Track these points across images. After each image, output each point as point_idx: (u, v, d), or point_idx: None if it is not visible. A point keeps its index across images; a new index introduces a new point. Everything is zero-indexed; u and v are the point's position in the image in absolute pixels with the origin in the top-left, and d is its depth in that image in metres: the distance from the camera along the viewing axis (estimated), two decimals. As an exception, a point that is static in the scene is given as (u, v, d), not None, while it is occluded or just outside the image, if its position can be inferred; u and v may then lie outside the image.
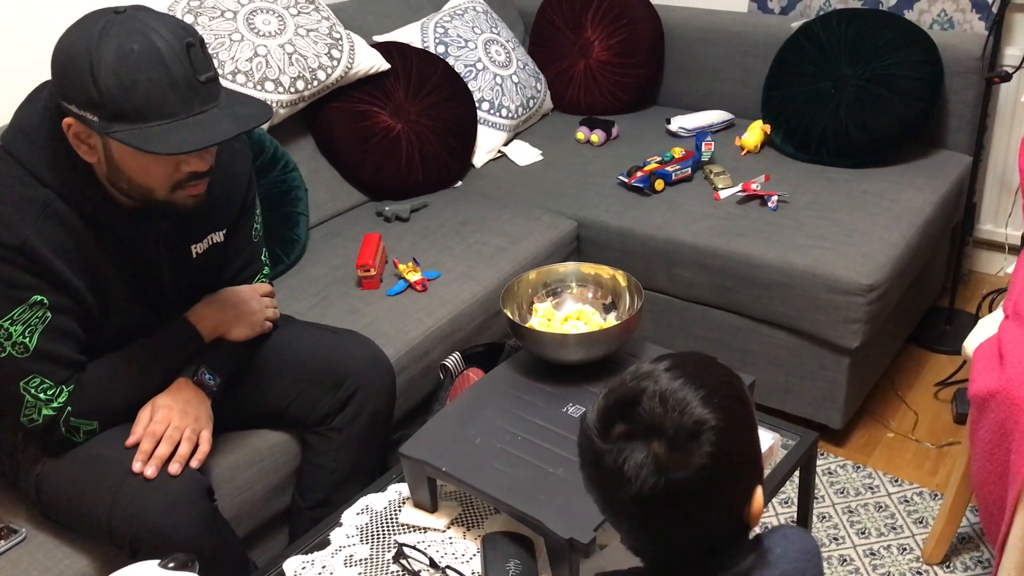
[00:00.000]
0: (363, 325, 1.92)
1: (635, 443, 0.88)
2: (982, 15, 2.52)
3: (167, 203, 1.40)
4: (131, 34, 1.26)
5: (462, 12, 2.80)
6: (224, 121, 1.31)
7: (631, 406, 0.90)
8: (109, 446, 1.45)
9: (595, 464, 0.92)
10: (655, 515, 0.90)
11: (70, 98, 1.28)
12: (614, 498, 0.91)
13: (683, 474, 0.87)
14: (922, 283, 2.49)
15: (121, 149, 1.31)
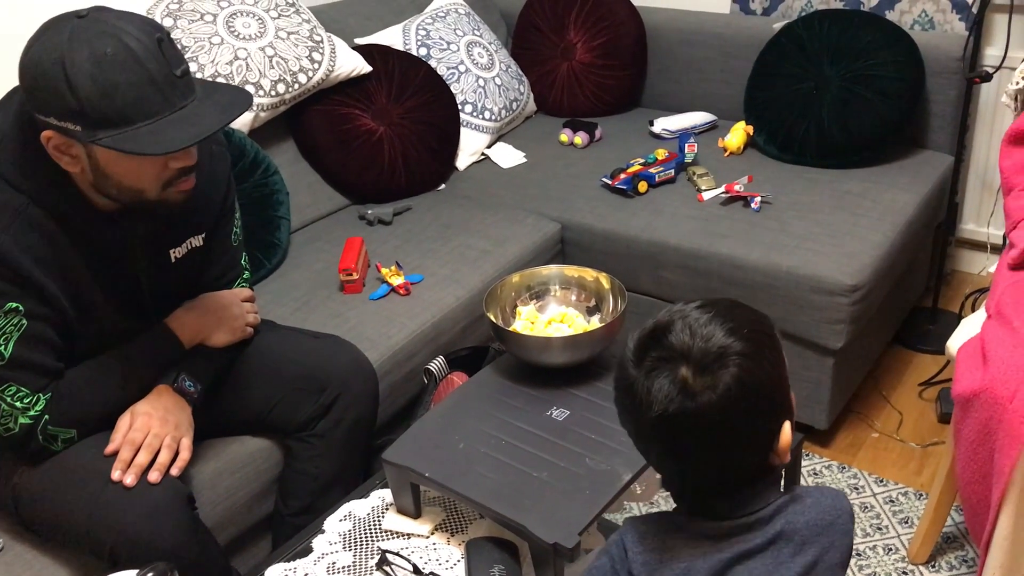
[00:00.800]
0: (346, 330, 1.91)
1: (663, 367, 0.93)
2: (962, 16, 2.53)
3: (158, 202, 1.38)
4: (101, 37, 1.24)
5: (444, 14, 2.79)
6: (209, 112, 1.30)
7: (663, 335, 0.95)
8: (88, 455, 1.43)
9: (628, 391, 0.96)
10: (682, 440, 0.93)
11: (47, 111, 1.26)
12: (643, 422, 0.94)
13: (708, 397, 0.90)
14: (905, 283, 2.49)
15: (107, 155, 1.30)
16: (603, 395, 1.42)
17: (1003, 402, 1.41)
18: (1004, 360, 1.45)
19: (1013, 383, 1.40)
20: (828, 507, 0.99)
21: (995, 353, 1.48)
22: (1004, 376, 1.42)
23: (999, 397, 1.42)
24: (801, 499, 0.99)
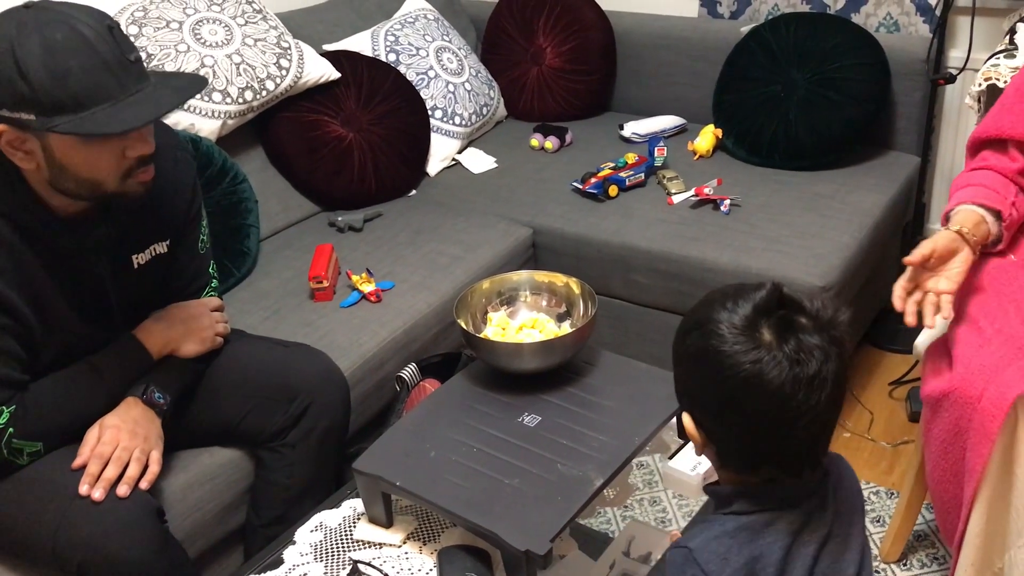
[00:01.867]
0: (317, 338, 1.89)
1: (800, 331, 0.93)
2: (926, 18, 2.56)
3: (119, 194, 1.37)
4: (50, 24, 1.23)
5: (413, 20, 2.78)
6: (164, 94, 1.30)
7: (782, 301, 0.96)
8: (54, 468, 1.41)
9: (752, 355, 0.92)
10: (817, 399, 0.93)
11: (2, 103, 1.24)
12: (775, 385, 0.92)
13: (841, 357, 0.95)
14: (874, 283, 2.51)
15: (64, 145, 1.28)
16: (575, 400, 1.42)
17: (972, 401, 1.42)
18: (971, 360, 1.46)
19: (980, 382, 1.42)
20: (850, 474, 1.06)
21: (962, 353, 1.49)
22: (971, 376, 1.44)
23: (968, 397, 1.43)
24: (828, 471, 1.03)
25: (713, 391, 0.97)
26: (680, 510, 2.10)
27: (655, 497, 2.14)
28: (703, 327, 0.97)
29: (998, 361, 1.43)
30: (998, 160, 1.68)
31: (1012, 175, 1.66)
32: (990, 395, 1.40)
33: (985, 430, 1.40)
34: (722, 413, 0.97)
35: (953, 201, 1.65)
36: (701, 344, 0.97)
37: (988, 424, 1.40)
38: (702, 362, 0.97)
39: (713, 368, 0.95)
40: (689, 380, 1.02)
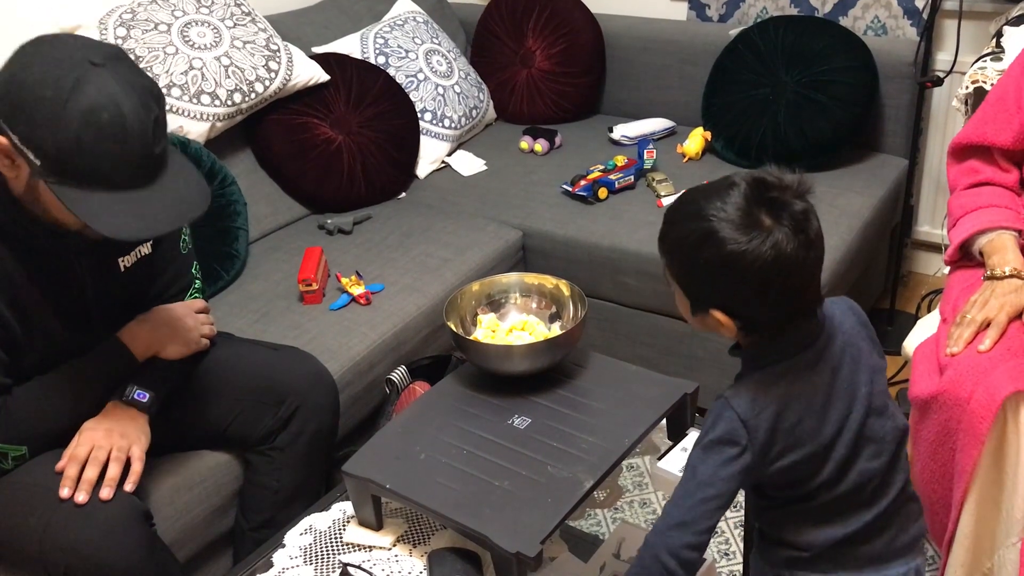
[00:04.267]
0: (306, 341, 1.89)
1: (789, 203, 1.06)
2: (913, 21, 2.57)
3: (77, 233, 1.36)
4: (103, 99, 1.22)
5: (402, 22, 2.78)
6: (160, 208, 1.28)
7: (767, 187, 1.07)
8: (39, 473, 1.40)
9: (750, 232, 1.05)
10: (812, 260, 1.08)
11: (16, 129, 1.23)
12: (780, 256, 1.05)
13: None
14: (863, 285, 2.52)
15: (47, 191, 1.27)
16: (565, 402, 1.42)
17: (962, 403, 1.43)
18: (960, 362, 1.47)
19: (969, 384, 1.42)
20: (852, 306, 1.22)
21: (951, 356, 1.50)
22: (962, 378, 1.44)
23: (958, 398, 1.43)
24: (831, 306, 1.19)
25: (743, 285, 1.08)
26: (670, 512, 2.10)
27: (645, 499, 2.14)
28: (711, 237, 1.07)
29: (987, 362, 1.43)
30: (994, 173, 1.69)
31: (1013, 186, 1.67)
32: (979, 396, 1.40)
33: (975, 431, 1.41)
34: (754, 298, 1.09)
35: (967, 225, 1.64)
36: (717, 252, 1.07)
37: (978, 425, 1.40)
38: (727, 267, 1.07)
39: (738, 268, 1.06)
40: (716, 284, 1.11)
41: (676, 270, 1.16)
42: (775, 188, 1.07)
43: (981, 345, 1.46)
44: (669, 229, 1.16)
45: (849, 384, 1.16)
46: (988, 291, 1.53)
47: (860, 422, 1.16)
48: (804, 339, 1.15)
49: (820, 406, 1.14)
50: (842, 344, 1.17)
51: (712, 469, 1.13)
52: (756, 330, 1.14)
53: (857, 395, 1.17)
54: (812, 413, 1.14)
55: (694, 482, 1.14)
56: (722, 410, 1.14)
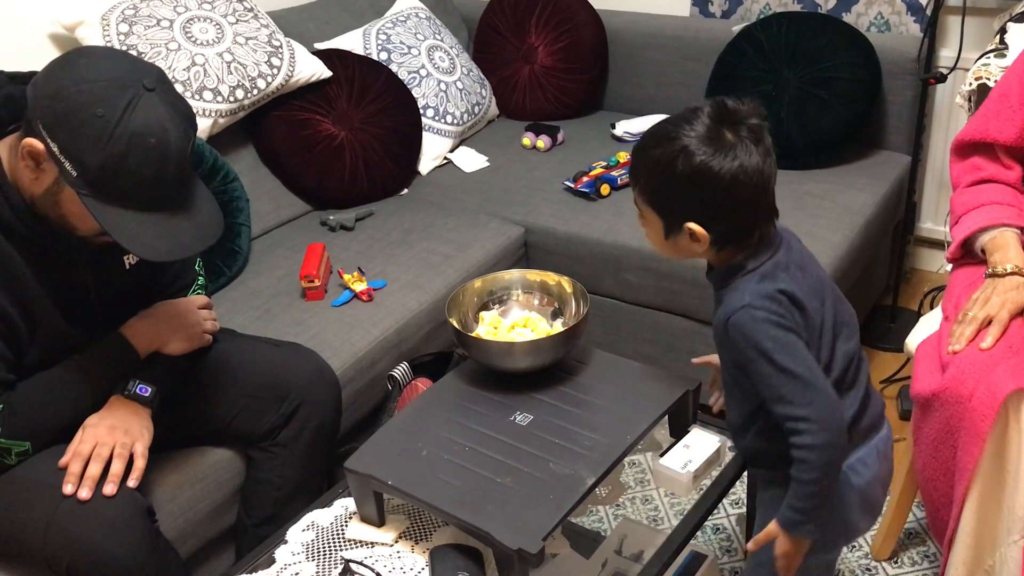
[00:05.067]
0: (308, 337, 1.89)
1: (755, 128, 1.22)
2: (917, 17, 2.56)
3: (84, 240, 1.39)
4: (152, 123, 1.26)
5: (405, 18, 2.78)
6: (185, 231, 1.34)
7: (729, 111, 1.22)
8: (43, 469, 1.40)
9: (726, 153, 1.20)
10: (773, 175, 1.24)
11: (57, 138, 1.25)
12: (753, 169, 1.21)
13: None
14: (865, 282, 2.52)
15: (73, 198, 1.29)
16: (567, 399, 1.42)
17: (963, 400, 1.42)
18: (962, 359, 1.46)
19: (971, 382, 1.42)
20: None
21: (953, 353, 1.50)
22: (963, 375, 1.44)
23: (959, 396, 1.43)
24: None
25: (716, 192, 1.21)
26: (672, 508, 2.10)
27: (647, 495, 2.14)
28: (685, 153, 1.21)
29: (988, 360, 1.43)
30: (997, 170, 1.68)
31: (1015, 183, 1.67)
32: (981, 394, 1.40)
33: (976, 429, 1.41)
34: (726, 204, 1.23)
35: (969, 223, 1.64)
36: (691, 166, 1.21)
37: (979, 423, 1.40)
38: (701, 178, 1.21)
39: (711, 177, 1.20)
40: (691, 197, 1.23)
41: (651, 194, 1.28)
42: (734, 109, 1.23)
43: (983, 343, 1.46)
44: (643, 155, 1.27)
45: (816, 277, 1.31)
46: (990, 288, 1.53)
47: (833, 308, 1.31)
48: (770, 244, 1.28)
49: (802, 297, 1.26)
50: (798, 247, 1.33)
51: (789, 336, 1.24)
52: (728, 239, 1.27)
53: (825, 284, 1.32)
54: (801, 285, 1.28)
55: (801, 370, 1.23)
56: (746, 317, 1.25)
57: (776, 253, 1.28)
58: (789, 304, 1.25)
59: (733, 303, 1.26)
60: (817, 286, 1.30)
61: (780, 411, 1.25)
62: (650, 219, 1.30)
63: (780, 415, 1.25)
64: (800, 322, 1.26)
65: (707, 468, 1.40)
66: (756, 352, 1.24)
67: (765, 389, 1.26)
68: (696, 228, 1.24)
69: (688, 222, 1.24)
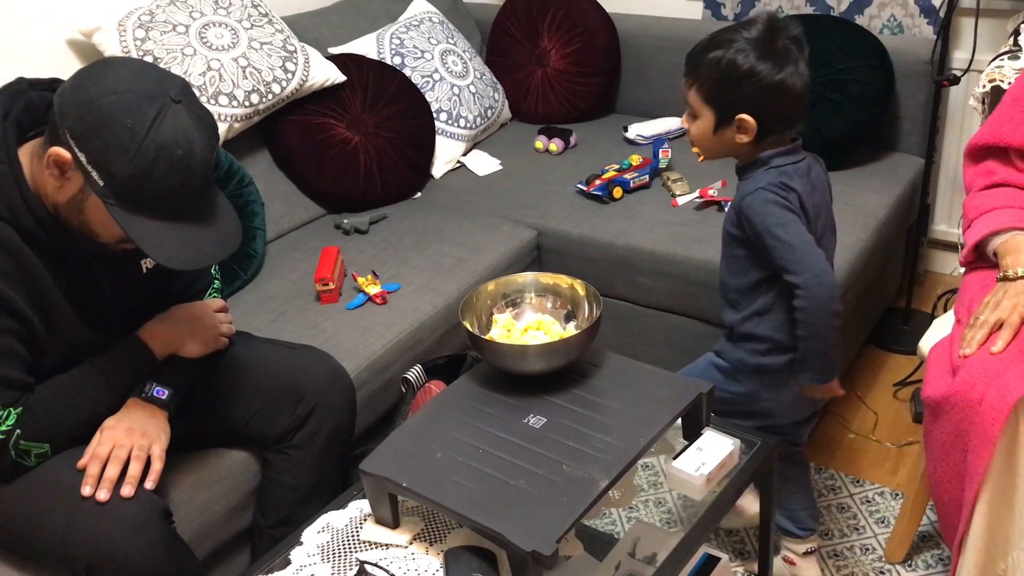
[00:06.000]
0: (323, 340, 1.90)
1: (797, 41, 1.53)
2: (930, 20, 2.56)
3: (104, 246, 1.40)
4: (179, 135, 1.28)
5: (418, 23, 2.79)
6: (206, 240, 1.36)
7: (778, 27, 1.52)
8: (62, 470, 1.42)
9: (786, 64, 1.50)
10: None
11: (86, 148, 1.27)
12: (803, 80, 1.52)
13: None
14: (879, 284, 2.52)
15: (98, 206, 1.30)
16: (580, 402, 1.43)
17: (974, 404, 1.42)
18: (973, 363, 1.46)
19: (981, 386, 1.42)
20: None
21: (964, 357, 1.50)
22: (974, 379, 1.44)
23: (970, 400, 1.43)
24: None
25: (768, 92, 1.48)
26: (685, 511, 2.10)
27: (660, 498, 2.15)
28: (743, 56, 1.48)
29: (999, 364, 1.43)
30: (1010, 174, 1.68)
31: None
32: (991, 398, 1.40)
33: (986, 433, 1.40)
34: (774, 103, 1.50)
35: (981, 227, 1.64)
36: (748, 68, 1.48)
37: (989, 427, 1.40)
38: (755, 79, 1.48)
39: (765, 80, 1.48)
40: (746, 94, 1.49)
41: (710, 89, 1.52)
42: (783, 22, 1.52)
43: (993, 347, 1.46)
44: (704, 55, 1.52)
45: (821, 201, 1.59)
46: (1001, 292, 1.53)
47: (829, 210, 1.63)
48: (795, 152, 1.55)
49: (808, 193, 1.54)
50: (817, 171, 1.60)
51: (791, 216, 1.51)
52: (768, 131, 1.52)
53: (823, 209, 1.60)
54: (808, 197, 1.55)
55: (796, 243, 1.50)
56: (761, 197, 1.51)
57: (798, 163, 1.55)
58: (796, 199, 1.52)
59: (750, 187, 1.54)
60: (820, 206, 1.58)
61: (786, 279, 1.53)
62: (703, 115, 1.55)
63: (787, 283, 1.53)
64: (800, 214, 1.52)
65: (720, 470, 1.40)
66: (763, 227, 1.51)
67: (776, 260, 1.52)
68: (747, 118, 1.50)
69: (741, 113, 1.50)
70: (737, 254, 1.61)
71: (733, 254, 1.62)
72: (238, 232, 1.42)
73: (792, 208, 1.51)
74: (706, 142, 1.58)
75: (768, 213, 1.51)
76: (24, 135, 1.40)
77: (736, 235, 1.59)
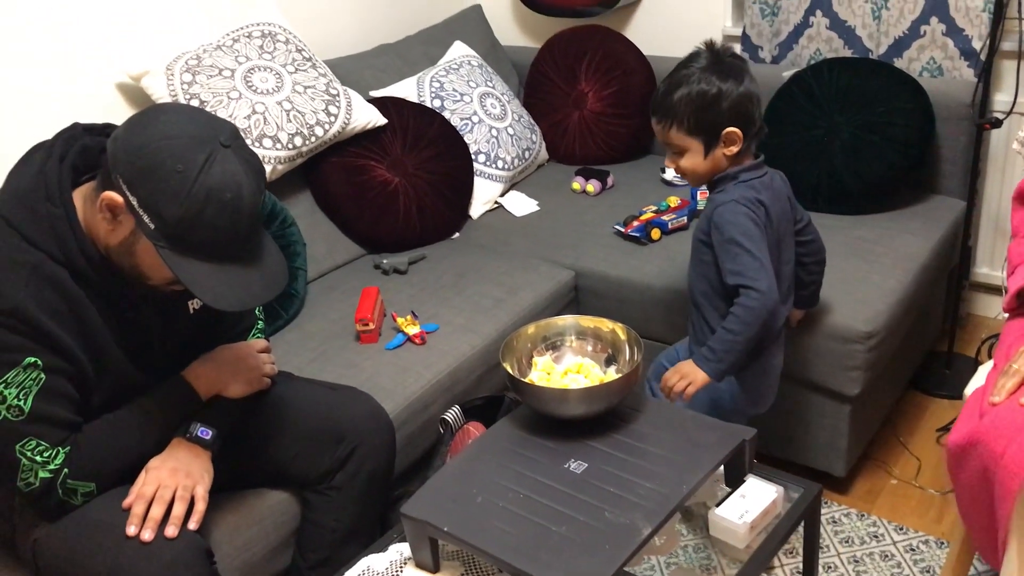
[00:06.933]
0: (362, 380, 1.91)
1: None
2: (971, 62, 2.55)
3: (154, 287, 1.43)
4: (228, 179, 1.30)
5: (457, 66, 2.83)
6: (253, 281, 1.38)
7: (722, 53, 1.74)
8: (107, 510, 1.43)
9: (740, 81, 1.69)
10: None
11: (137, 192, 1.29)
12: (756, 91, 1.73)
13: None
14: (920, 327, 2.49)
15: (149, 249, 1.33)
16: (622, 447, 1.42)
17: (996, 457, 1.38)
18: (1000, 412, 1.43)
19: (1004, 439, 1.38)
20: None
21: (995, 404, 1.46)
22: (998, 430, 1.40)
23: (992, 451, 1.39)
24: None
25: (739, 104, 1.67)
26: (725, 556, 2.07)
27: (700, 544, 2.12)
28: (707, 83, 1.67)
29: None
30: None
31: None
32: (1012, 453, 1.36)
33: (1006, 486, 1.37)
34: (747, 110, 1.68)
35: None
36: (717, 91, 1.66)
37: (1009, 482, 1.36)
38: (725, 97, 1.66)
39: (733, 95, 1.66)
40: (723, 111, 1.66)
41: (692, 123, 1.69)
42: (721, 46, 1.72)
43: (1022, 398, 1.43)
44: (671, 99, 1.70)
45: (781, 209, 1.75)
46: None
47: (789, 217, 1.79)
48: (760, 167, 1.74)
49: (772, 203, 1.71)
50: (778, 185, 1.77)
51: (758, 232, 1.67)
52: (750, 133, 1.70)
53: (784, 218, 1.76)
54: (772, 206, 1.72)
55: (758, 254, 1.66)
56: (733, 209, 1.68)
57: (764, 176, 1.73)
58: (764, 213, 1.69)
59: (724, 199, 1.70)
60: (781, 214, 1.75)
61: (735, 280, 1.68)
62: (691, 147, 1.71)
63: (733, 284, 1.68)
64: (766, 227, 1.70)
65: (764, 518, 1.39)
66: (731, 234, 1.67)
67: (730, 263, 1.68)
68: (733, 130, 1.67)
69: (727, 128, 1.67)
70: (705, 259, 1.76)
71: (702, 259, 1.78)
72: (284, 273, 1.44)
73: (760, 223, 1.68)
74: (699, 169, 1.73)
75: (738, 224, 1.67)
76: (78, 179, 1.43)
77: (705, 241, 1.75)
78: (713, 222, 1.71)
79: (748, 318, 1.67)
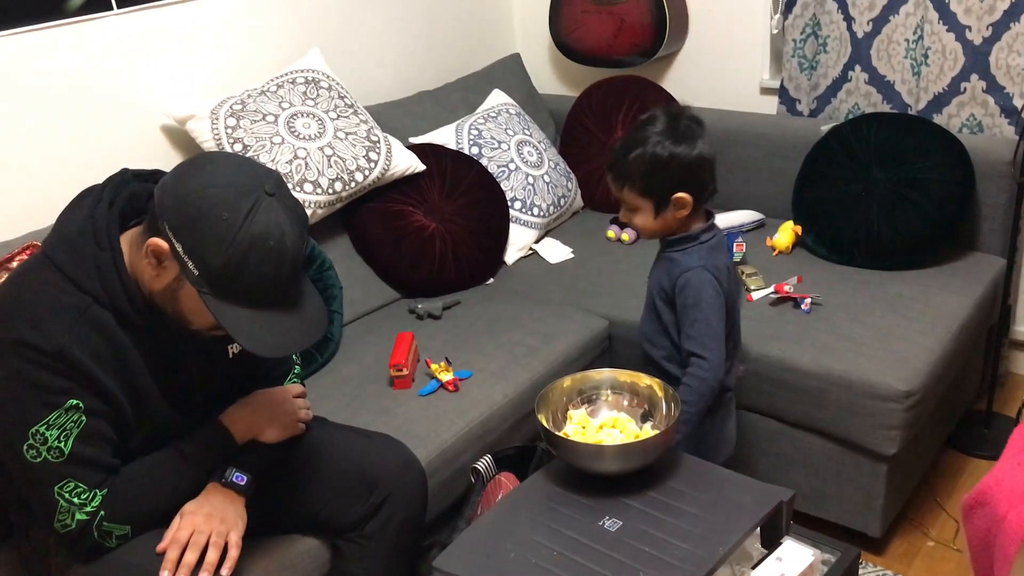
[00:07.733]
0: (395, 426, 1.91)
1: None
2: (1011, 120, 2.54)
3: (195, 332, 1.44)
4: (272, 227, 1.32)
5: (496, 114, 2.86)
6: (293, 328, 1.39)
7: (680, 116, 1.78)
8: (141, 553, 1.44)
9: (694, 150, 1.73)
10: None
11: (182, 239, 1.32)
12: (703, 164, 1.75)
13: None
14: (959, 386, 2.45)
15: (191, 296, 1.35)
16: (657, 505, 1.41)
17: (998, 520, 1.35)
18: (1006, 474, 1.40)
19: (1006, 503, 1.34)
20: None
21: (1005, 465, 1.43)
22: (1003, 491, 1.37)
23: (996, 513, 1.36)
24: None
25: (691, 169, 1.71)
26: (757, 617, 2.04)
27: (731, 602, 2.08)
28: (661, 147, 1.70)
29: None
30: None
31: None
32: (1013, 517, 1.33)
33: (1004, 551, 1.34)
34: (698, 176, 1.73)
35: None
36: (668, 155, 1.70)
37: (1008, 547, 1.33)
38: (678, 162, 1.70)
39: (686, 160, 1.71)
40: (674, 176, 1.71)
41: (644, 184, 1.72)
42: (677, 109, 1.77)
43: None
44: (625, 160, 1.73)
45: (724, 263, 1.80)
46: None
47: (736, 285, 1.86)
48: (713, 227, 1.79)
49: (723, 269, 1.78)
50: (721, 238, 1.82)
51: (719, 301, 1.75)
52: (701, 197, 1.74)
53: (731, 271, 1.83)
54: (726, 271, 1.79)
55: (715, 325, 1.74)
56: (700, 276, 1.74)
57: (717, 236, 1.80)
58: (726, 275, 1.77)
59: (690, 262, 1.76)
60: (730, 278, 1.81)
61: (689, 346, 1.75)
62: (642, 207, 1.76)
63: (687, 348, 1.75)
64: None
65: (800, 583, 1.37)
66: (695, 300, 1.73)
67: (688, 328, 1.75)
68: (683, 195, 1.71)
69: (676, 193, 1.71)
70: (660, 307, 1.84)
71: (658, 307, 1.86)
72: (324, 319, 1.45)
73: (721, 292, 1.76)
74: (651, 227, 1.79)
75: (703, 293, 1.74)
76: (126, 223, 1.46)
77: (664, 298, 1.83)
78: (678, 285, 1.77)
79: (702, 389, 1.73)
